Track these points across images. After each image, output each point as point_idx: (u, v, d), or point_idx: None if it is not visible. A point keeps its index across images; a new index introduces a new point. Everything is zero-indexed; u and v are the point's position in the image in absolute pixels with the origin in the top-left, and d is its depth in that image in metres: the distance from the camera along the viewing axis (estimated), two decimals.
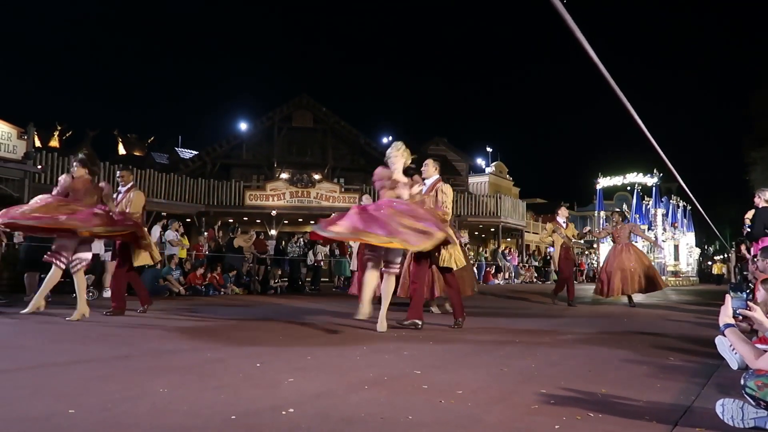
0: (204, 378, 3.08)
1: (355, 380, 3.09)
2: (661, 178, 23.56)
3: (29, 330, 5.17)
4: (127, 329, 5.30)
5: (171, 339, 4.76)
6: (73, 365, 3.46)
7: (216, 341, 4.64)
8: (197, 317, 6.72)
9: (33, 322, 5.59)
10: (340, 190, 23.97)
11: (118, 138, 33.62)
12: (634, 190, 24.55)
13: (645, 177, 24.14)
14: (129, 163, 23.14)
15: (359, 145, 27.96)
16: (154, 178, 21.14)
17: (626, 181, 24.97)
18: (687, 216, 26.46)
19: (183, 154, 31.12)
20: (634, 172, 24.50)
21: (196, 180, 23.16)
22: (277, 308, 8.52)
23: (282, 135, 27.61)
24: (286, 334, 5.28)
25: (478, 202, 26.17)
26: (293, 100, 27.94)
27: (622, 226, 10.19)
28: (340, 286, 16.07)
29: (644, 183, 24.28)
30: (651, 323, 6.81)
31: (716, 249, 34.03)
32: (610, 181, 25.39)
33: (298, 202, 23.46)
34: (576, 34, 2.46)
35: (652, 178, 23.79)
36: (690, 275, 25.44)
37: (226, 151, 27.62)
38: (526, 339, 5.05)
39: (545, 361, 3.86)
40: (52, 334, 4.90)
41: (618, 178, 25.10)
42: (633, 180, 24.57)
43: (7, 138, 14.90)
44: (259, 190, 23.85)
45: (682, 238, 25.21)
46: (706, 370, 3.65)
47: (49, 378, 3.03)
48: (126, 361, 3.60)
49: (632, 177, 24.56)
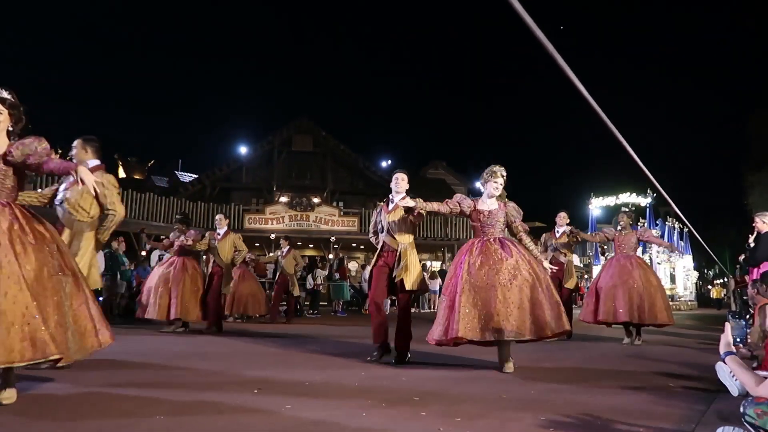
0: (202, 404, 3.06)
1: (353, 406, 3.08)
2: (654, 198, 22.99)
3: None
4: (124, 353, 5.27)
5: (167, 364, 4.73)
6: (70, 390, 3.44)
7: (213, 366, 4.62)
8: (194, 341, 6.68)
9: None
10: (339, 214, 24.01)
11: (119, 161, 33.81)
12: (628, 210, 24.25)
13: (638, 197, 23.66)
14: (129, 186, 23.21)
15: (358, 169, 28.09)
16: (154, 202, 21.17)
17: (619, 201, 24.34)
18: (684, 238, 25.86)
19: (183, 177, 31.23)
20: (627, 192, 24.03)
21: (195, 203, 23.19)
22: (275, 332, 8.48)
23: (282, 158, 27.75)
24: (284, 359, 5.26)
25: None
26: (293, 124, 28.14)
27: (629, 232, 7.79)
28: (339, 310, 16.02)
29: (638, 203, 23.73)
30: (650, 349, 6.77)
31: (716, 273, 33.94)
32: (602, 202, 24.91)
33: (297, 226, 23.47)
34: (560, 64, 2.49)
35: (645, 198, 23.30)
36: (688, 299, 24.86)
37: (226, 175, 27.73)
38: (525, 364, 5.02)
39: (544, 387, 3.84)
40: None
41: (611, 199, 24.64)
42: (626, 200, 24.04)
43: None
44: (258, 213, 23.87)
45: (679, 260, 24.63)
46: (706, 396, 3.63)
47: (44, 404, 3.01)
48: (123, 388, 3.58)
49: (625, 197, 24.07)
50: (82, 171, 3.23)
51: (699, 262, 31.21)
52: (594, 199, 25.10)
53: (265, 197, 26.63)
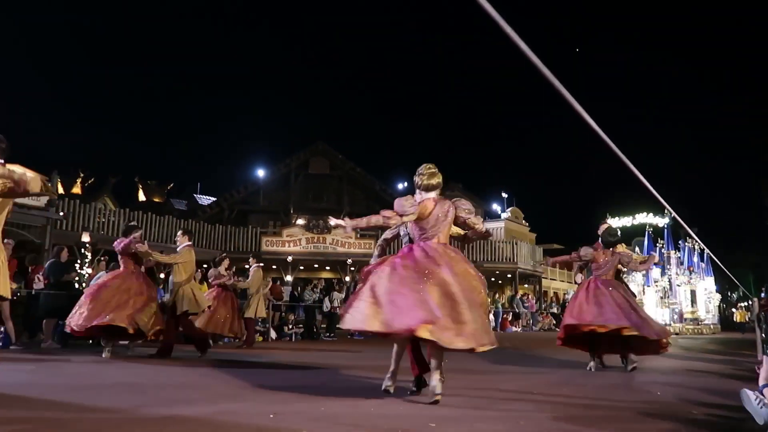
0: (217, 430, 3.05)
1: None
2: (672, 218, 21.90)
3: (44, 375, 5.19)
4: (140, 377, 5.29)
5: (183, 388, 4.74)
6: (86, 413, 3.45)
7: (228, 390, 4.61)
8: (211, 364, 6.69)
9: (47, 367, 5.61)
10: (355, 236, 24.05)
11: (139, 184, 34.27)
12: (645, 231, 23.08)
13: (656, 217, 22.89)
14: (149, 209, 23.53)
15: (374, 191, 28.21)
16: (173, 224, 21.43)
17: (636, 222, 23.60)
18: (705, 260, 24.86)
19: (201, 200, 31.61)
20: (644, 212, 23.25)
21: (213, 226, 23.42)
22: (291, 356, 8.47)
23: (298, 181, 28.00)
24: (300, 383, 5.23)
25: (494, 248, 26.05)
26: (310, 148, 28.47)
27: (611, 253, 6.90)
28: (356, 334, 15.94)
29: (655, 224, 22.98)
30: (672, 374, 6.64)
31: (739, 295, 33.27)
32: (618, 222, 23.76)
33: (314, 248, 23.56)
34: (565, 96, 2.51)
35: (663, 218, 22.51)
36: (710, 322, 23.94)
37: (244, 198, 28.03)
38: (543, 390, 4.94)
39: (564, 414, 3.78)
40: (66, 380, 4.90)
41: (627, 219, 23.83)
42: (643, 221, 23.34)
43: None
44: (275, 236, 24.02)
45: (700, 282, 23.74)
46: (730, 424, 3.54)
47: (63, 426, 3.03)
48: (138, 411, 3.59)
49: (642, 217, 23.35)
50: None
51: (722, 285, 30.53)
52: (609, 219, 24.48)
53: (282, 220, 26.83)
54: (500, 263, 25.71)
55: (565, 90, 2.39)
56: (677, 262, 22.50)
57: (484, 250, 25.52)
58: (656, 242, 23.24)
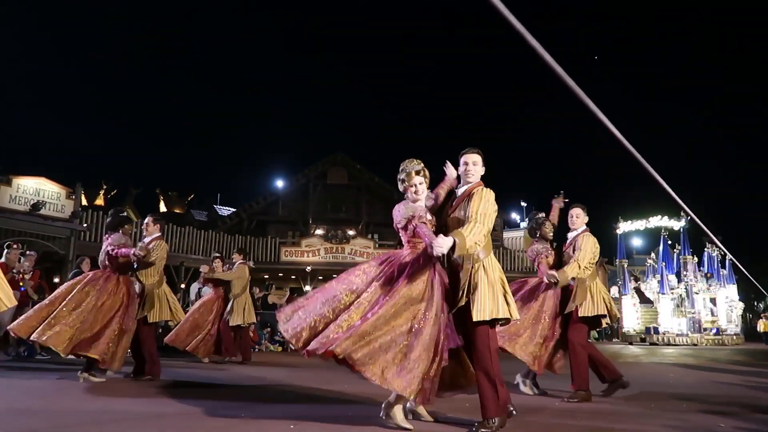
0: None
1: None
2: (688, 221, 20.68)
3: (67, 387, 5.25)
4: (161, 387, 5.33)
5: (203, 397, 4.76)
6: (108, 423, 3.49)
7: (249, 400, 4.62)
8: (230, 374, 6.71)
9: (69, 379, 5.67)
10: (374, 246, 24.06)
11: (160, 196, 34.71)
12: (660, 235, 22.34)
13: (671, 221, 21.92)
14: (169, 220, 23.79)
15: (393, 201, 28.09)
16: (193, 235, 21.65)
17: (650, 225, 22.64)
18: (727, 267, 23.14)
19: (221, 211, 31.89)
20: (658, 216, 22.28)
21: (233, 236, 23.61)
22: (311, 366, 8.45)
23: (317, 192, 28.14)
24: (320, 394, 5.22)
25: (514, 258, 25.87)
26: (328, 158, 28.61)
27: (538, 243, 5.75)
28: None
29: (671, 227, 22.00)
30: (697, 385, 6.51)
31: (766, 305, 32.49)
32: (631, 226, 23.16)
33: (333, 258, 23.59)
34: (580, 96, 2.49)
35: (679, 221, 21.52)
36: (733, 332, 22.37)
37: (263, 208, 28.22)
38: (564, 403, 4.88)
39: (588, 427, 3.72)
40: (87, 391, 4.96)
41: (640, 222, 22.93)
42: (657, 224, 22.39)
43: (57, 198, 15.56)
44: (294, 246, 24.12)
45: (721, 290, 22.17)
46: None
47: None
48: (159, 420, 3.61)
49: (656, 221, 22.40)
50: None
51: (747, 293, 29.70)
52: (622, 222, 23.61)
53: (301, 230, 26.95)
54: (520, 273, 25.44)
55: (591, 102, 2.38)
56: (694, 268, 21.36)
57: (504, 260, 25.34)
58: (673, 247, 22.24)
